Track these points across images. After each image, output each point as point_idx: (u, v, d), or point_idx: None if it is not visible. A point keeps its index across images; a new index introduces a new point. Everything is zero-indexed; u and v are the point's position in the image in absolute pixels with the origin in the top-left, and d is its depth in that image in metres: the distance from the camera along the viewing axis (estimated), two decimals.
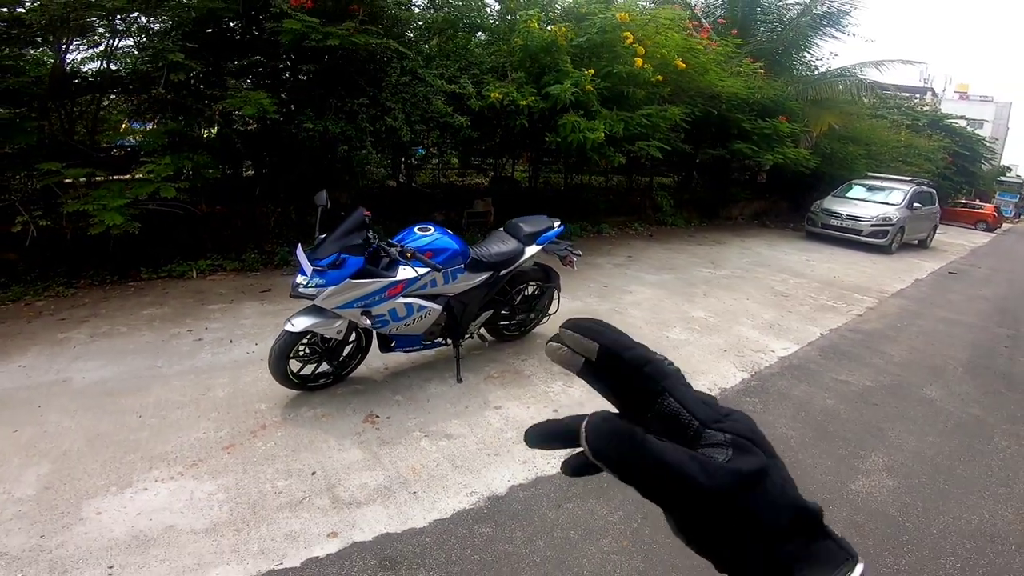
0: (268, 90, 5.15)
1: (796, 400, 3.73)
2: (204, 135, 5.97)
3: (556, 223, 3.90)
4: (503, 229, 3.83)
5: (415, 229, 3.23)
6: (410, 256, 2.87)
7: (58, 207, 4.42)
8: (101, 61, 5.12)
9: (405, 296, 3.05)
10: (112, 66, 5.20)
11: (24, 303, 4.32)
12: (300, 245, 3.01)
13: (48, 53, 5.30)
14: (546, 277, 3.99)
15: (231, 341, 3.83)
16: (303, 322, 2.86)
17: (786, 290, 6.68)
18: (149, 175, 4.54)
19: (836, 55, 60.31)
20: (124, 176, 5.21)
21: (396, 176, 7.93)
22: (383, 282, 2.92)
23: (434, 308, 3.19)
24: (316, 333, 2.94)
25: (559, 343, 0.37)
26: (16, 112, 4.65)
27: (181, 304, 4.46)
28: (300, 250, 2.93)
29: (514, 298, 3.88)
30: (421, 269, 3.02)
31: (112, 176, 5.03)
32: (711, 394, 0.39)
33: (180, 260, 5.24)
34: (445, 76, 6.01)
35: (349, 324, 3.03)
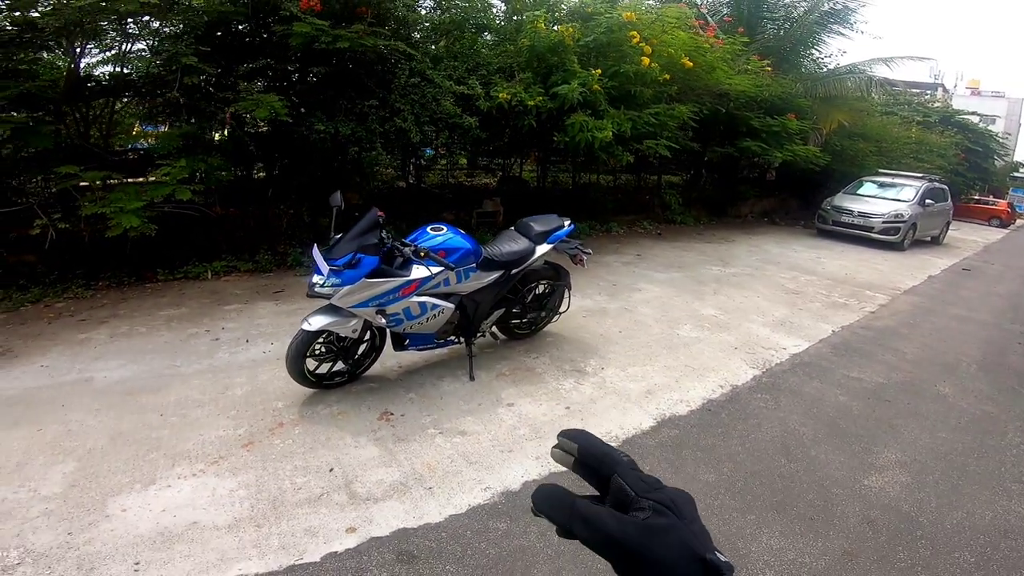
0: (279, 92, 5.21)
1: (808, 397, 3.73)
2: (216, 138, 6.05)
3: (567, 222, 3.92)
4: (514, 228, 3.86)
5: (428, 229, 3.27)
6: (424, 255, 2.90)
7: (75, 210, 4.50)
8: (115, 65, 5.20)
9: (419, 295, 3.09)
10: (125, 70, 5.28)
11: (44, 304, 4.40)
12: (316, 245, 3.05)
13: (60, 57, 5.39)
14: (557, 275, 4.01)
15: (247, 341, 3.88)
16: (320, 321, 2.90)
17: (797, 287, 6.66)
18: (165, 177, 4.61)
19: (844, 52, 59.94)
20: (139, 179, 5.29)
21: (405, 177, 7.99)
22: (398, 281, 2.96)
23: (447, 307, 3.23)
24: (332, 332, 2.99)
25: (558, 448, 0.51)
26: (33, 116, 4.73)
27: (198, 304, 4.53)
28: (316, 250, 2.97)
29: (525, 296, 3.92)
30: (435, 268, 3.06)
31: (127, 179, 5.11)
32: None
33: (195, 261, 5.32)
34: (454, 77, 6.04)
35: (364, 323, 3.08)
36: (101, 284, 4.84)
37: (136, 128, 6.51)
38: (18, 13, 4.32)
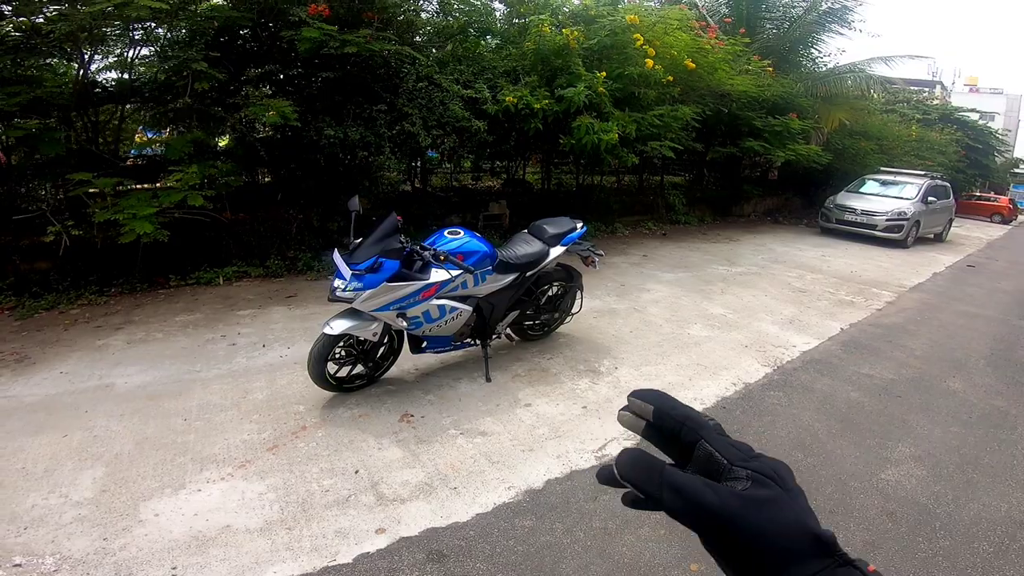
0: (287, 97, 5.24)
1: (820, 393, 3.77)
2: (221, 144, 6.08)
3: (579, 224, 3.96)
4: (527, 231, 3.90)
5: (445, 232, 3.31)
6: (443, 259, 2.94)
7: (87, 216, 4.52)
8: (121, 71, 5.22)
9: (438, 298, 3.13)
10: (134, 76, 5.31)
11: (58, 311, 4.43)
12: (336, 250, 3.08)
13: (65, 64, 5.40)
14: (569, 277, 4.05)
15: (264, 345, 3.92)
16: (341, 325, 2.94)
17: (803, 286, 6.70)
18: (177, 183, 4.64)
19: (843, 51, 59.87)
20: (149, 185, 5.32)
21: (411, 180, 8.03)
22: (418, 284, 3.00)
23: (465, 309, 3.26)
24: (353, 336, 3.02)
25: (627, 411, 0.46)
26: (44, 123, 4.76)
27: (212, 310, 4.57)
28: (337, 255, 3.01)
29: (539, 298, 3.96)
30: (454, 271, 3.10)
31: (137, 185, 5.14)
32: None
33: (206, 267, 5.35)
34: (460, 81, 6.09)
35: (384, 326, 3.11)
36: (114, 291, 4.88)
37: (139, 136, 6.53)
38: (23, 18, 4.34)
